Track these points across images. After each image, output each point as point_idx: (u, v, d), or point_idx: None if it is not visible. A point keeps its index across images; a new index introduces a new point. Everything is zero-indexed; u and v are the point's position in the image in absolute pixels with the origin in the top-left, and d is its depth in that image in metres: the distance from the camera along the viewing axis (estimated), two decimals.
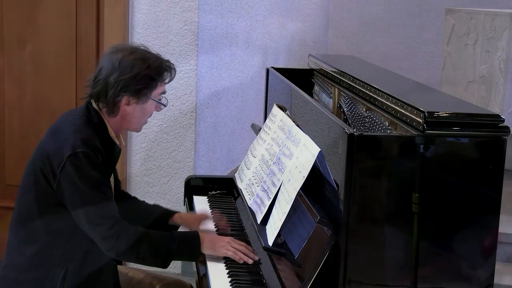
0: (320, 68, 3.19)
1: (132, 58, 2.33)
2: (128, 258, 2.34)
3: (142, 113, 2.40)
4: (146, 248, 2.28)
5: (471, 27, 5.32)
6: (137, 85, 2.33)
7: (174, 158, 4.03)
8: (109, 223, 2.25)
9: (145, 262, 2.33)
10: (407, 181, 1.91)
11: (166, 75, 2.40)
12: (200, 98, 4.03)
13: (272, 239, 2.17)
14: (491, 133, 1.94)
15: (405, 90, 2.49)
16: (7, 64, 4.11)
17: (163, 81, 2.40)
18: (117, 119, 2.39)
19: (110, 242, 2.25)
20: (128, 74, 2.32)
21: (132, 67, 2.32)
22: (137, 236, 2.28)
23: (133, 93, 2.34)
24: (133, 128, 2.47)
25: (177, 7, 3.91)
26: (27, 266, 2.34)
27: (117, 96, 2.33)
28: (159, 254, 2.31)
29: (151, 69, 2.34)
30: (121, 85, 2.32)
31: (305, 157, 2.10)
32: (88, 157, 2.24)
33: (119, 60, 2.33)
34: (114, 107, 2.35)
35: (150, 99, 2.38)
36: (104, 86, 2.34)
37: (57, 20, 4.01)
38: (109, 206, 2.28)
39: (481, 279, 2.00)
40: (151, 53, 2.40)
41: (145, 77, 2.34)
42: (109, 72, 2.33)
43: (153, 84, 2.37)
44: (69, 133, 2.29)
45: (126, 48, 2.40)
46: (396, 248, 1.96)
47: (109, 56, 2.37)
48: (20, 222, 2.37)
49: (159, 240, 2.32)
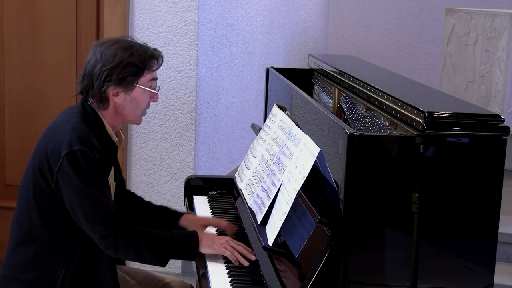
0: (320, 68, 3.19)
1: (115, 48, 2.34)
2: (127, 256, 2.34)
3: (134, 103, 2.38)
4: (145, 247, 2.28)
5: (471, 27, 5.32)
6: (120, 74, 2.32)
7: (174, 158, 4.03)
8: (107, 221, 2.25)
9: (143, 260, 2.33)
10: (407, 181, 1.92)
11: (152, 62, 2.38)
12: (200, 98, 4.03)
13: (272, 239, 2.17)
14: (491, 133, 1.94)
15: (405, 90, 2.49)
16: (7, 64, 4.11)
17: (150, 69, 2.38)
18: (111, 113, 2.38)
19: (109, 240, 2.25)
20: (111, 64, 2.32)
21: (114, 56, 2.32)
22: (136, 234, 2.28)
23: (117, 82, 2.33)
24: (130, 120, 2.46)
25: (177, 7, 3.91)
26: (27, 266, 2.34)
27: (102, 87, 2.33)
28: (158, 253, 2.31)
29: (134, 56, 2.33)
30: (104, 75, 2.32)
31: (305, 157, 2.10)
32: (85, 155, 2.24)
33: (101, 52, 2.34)
34: (102, 99, 2.35)
35: (137, 87, 2.36)
36: (90, 79, 2.34)
37: (57, 20, 4.01)
38: (107, 204, 2.28)
39: (481, 279, 2.00)
40: (135, 42, 2.40)
41: (128, 65, 2.33)
42: (93, 64, 2.34)
43: (138, 72, 2.35)
44: (66, 131, 2.29)
45: (109, 40, 2.41)
46: (396, 248, 1.96)
47: (93, 50, 2.38)
48: (20, 221, 2.37)
49: (158, 238, 2.32)
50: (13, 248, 2.39)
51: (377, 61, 6.85)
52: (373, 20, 7.27)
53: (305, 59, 3.84)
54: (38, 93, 4.09)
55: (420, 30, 7.13)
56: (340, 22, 7.35)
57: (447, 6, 5.89)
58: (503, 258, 4.15)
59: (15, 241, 2.38)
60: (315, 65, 3.32)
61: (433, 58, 6.96)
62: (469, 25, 5.35)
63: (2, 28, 4.08)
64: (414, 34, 7.16)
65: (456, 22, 5.53)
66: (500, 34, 5.01)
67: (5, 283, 2.38)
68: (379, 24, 7.25)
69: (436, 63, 6.57)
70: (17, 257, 2.36)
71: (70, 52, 4.02)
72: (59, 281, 2.30)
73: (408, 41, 7.19)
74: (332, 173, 2.00)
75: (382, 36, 7.24)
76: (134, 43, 2.38)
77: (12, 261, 2.38)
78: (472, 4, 6.27)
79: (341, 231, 1.93)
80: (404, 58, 7.21)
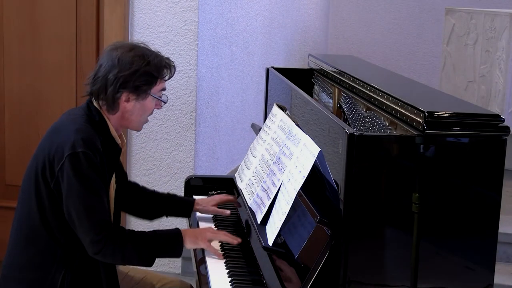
0: (320, 68, 3.19)
1: (132, 55, 2.34)
2: (114, 261, 2.36)
3: (142, 110, 2.40)
4: (132, 251, 2.30)
5: (471, 27, 5.32)
6: (136, 82, 2.34)
7: (174, 158, 4.03)
8: (97, 227, 2.25)
9: (131, 263, 2.36)
10: (407, 181, 1.92)
11: (165, 72, 2.41)
12: (200, 98, 4.03)
13: (272, 239, 2.17)
14: (491, 133, 1.94)
15: (405, 90, 2.49)
16: (7, 64, 4.11)
17: (163, 78, 2.41)
18: (117, 116, 2.39)
19: (98, 247, 2.25)
20: (128, 71, 2.32)
21: (132, 64, 2.33)
22: (123, 241, 2.29)
23: (133, 89, 2.35)
24: (133, 127, 2.47)
25: (177, 7, 3.91)
26: (28, 266, 2.34)
27: (117, 93, 2.34)
28: (144, 256, 2.32)
29: (151, 65, 2.35)
30: (120, 82, 2.32)
31: (305, 157, 2.10)
32: (88, 158, 2.24)
33: (118, 57, 2.33)
34: (114, 104, 2.36)
35: (149, 96, 2.38)
36: (104, 83, 2.34)
37: (57, 20, 4.01)
38: (102, 210, 2.27)
39: (481, 279, 2.00)
40: (150, 50, 2.41)
41: (145, 73, 2.34)
42: (108, 69, 2.34)
43: (152, 81, 2.37)
44: (70, 132, 2.28)
45: (125, 45, 2.41)
46: (396, 248, 1.96)
47: (108, 53, 2.37)
48: (21, 222, 2.37)
49: (143, 241, 2.33)
50: (13, 248, 2.39)
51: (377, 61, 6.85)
52: (373, 20, 7.27)
53: (305, 59, 3.84)
54: (38, 93, 4.09)
55: (420, 30, 7.13)
56: (340, 22, 7.36)
57: (447, 6, 5.89)
58: (503, 258, 4.15)
59: (16, 241, 2.38)
60: (315, 65, 3.32)
61: (433, 58, 6.97)
62: (469, 25, 5.35)
63: (2, 28, 4.08)
64: (414, 34, 7.16)
65: (456, 22, 5.53)
66: (500, 34, 5.01)
67: (5, 283, 2.38)
68: (379, 24, 7.26)
69: (436, 63, 6.57)
70: (17, 257, 2.36)
71: (70, 52, 4.02)
72: (59, 281, 2.30)
73: (408, 41, 7.19)
74: (332, 173, 2.00)
75: (382, 36, 7.25)
76: (150, 52, 2.39)
77: (12, 261, 2.38)
78: (472, 4, 6.28)
79: (341, 231, 1.93)
80: (404, 58, 7.21)
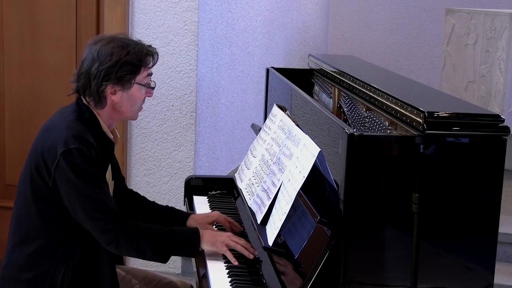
0: (320, 68, 3.19)
1: (111, 46, 2.34)
2: (128, 252, 2.33)
3: (131, 100, 2.39)
4: (146, 243, 2.28)
5: (471, 27, 5.32)
6: (119, 73, 2.33)
7: (174, 158, 4.03)
8: (107, 217, 2.25)
9: (144, 256, 2.33)
10: (407, 181, 1.92)
11: (148, 59, 2.40)
12: (200, 98, 4.03)
13: (272, 239, 2.17)
14: (491, 133, 1.94)
15: (405, 90, 2.49)
16: (7, 64, 4.11)
17: (146, 66, 2.40)
18: (107, 110, 2.39)
19: (110, 236, 2.25)
20: (108, 63, 2.32)
21: (112, 55, 2.33)
22: (138, 230, 2.28)
23: (116, 81, 2.34)
24: (128, 117, 2.47)
25: (177, 7, 3.91)
26: (27, 265, 2.34)
27: (100, 86, 2.34)
28: (159, 249, 2.31)
29: (131, 55, 2.34)
30: (102, 75, 2.32)
31: (305, 157, 2.10)
32: (82, 153, 2.24)
33: (97, 50, 2.34)
34: (100, 98, 2.36)
35: (135, 85, 2.37)
36: (87, 78, 2.35)
37: (57, 20, 4.01)
38: (106, 200, 2.28)
39: (481, 279, 2.00)
40: (130, 40, 2.40)
41: (126, 63, 2.34)
42: (90, 63, 2.34)
43: (135, 70, 2.36)
44: (61, 130, 2.29)
45: (105, 38, 2.41)
46: (396, 248, 1.96)
47: (89, 48, 2.38)
48: (19, 221, 2.37)
49: (159, 234, 2.32)
50: (12, 248, 2.38)
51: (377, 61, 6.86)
52: (373, 20, 7.27)
53: (305, 59, 3.84)
54: (38, 93, 4.09)
55: (420, 30, 7.13)
56: (340, 22, 7.36)
57: (447, 6, 5.89)
58: (503, 258, 4.15)
59: (14, 241, 2.38)
60: (315, 65, 3.32)
61: (433, 58, 6.97)
62: (469, 25, 5.35)
63: (2, 28, 4.08)
64: (414, 34, 7.16)
65: (456, 22, 5.53)
66: (500, 34, 5.01)
67: (4, 283, 2.38)
68: (379, 24, 7.26)
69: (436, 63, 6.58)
70: (16, 257, 2.36)
71: (70, 52, 4.02)
72: (58, 281, 2.30)
73: (408, 41, 7.19)
74: (332, 173, 2.00)
75: (382, 36, 7.25)
76: (129, 41, 2.39)
77: (11, 261, 2.37)
78: (472, 4, 6.28)
79: (341, 231, 1.93)
80: (404, 58, 7.21)
